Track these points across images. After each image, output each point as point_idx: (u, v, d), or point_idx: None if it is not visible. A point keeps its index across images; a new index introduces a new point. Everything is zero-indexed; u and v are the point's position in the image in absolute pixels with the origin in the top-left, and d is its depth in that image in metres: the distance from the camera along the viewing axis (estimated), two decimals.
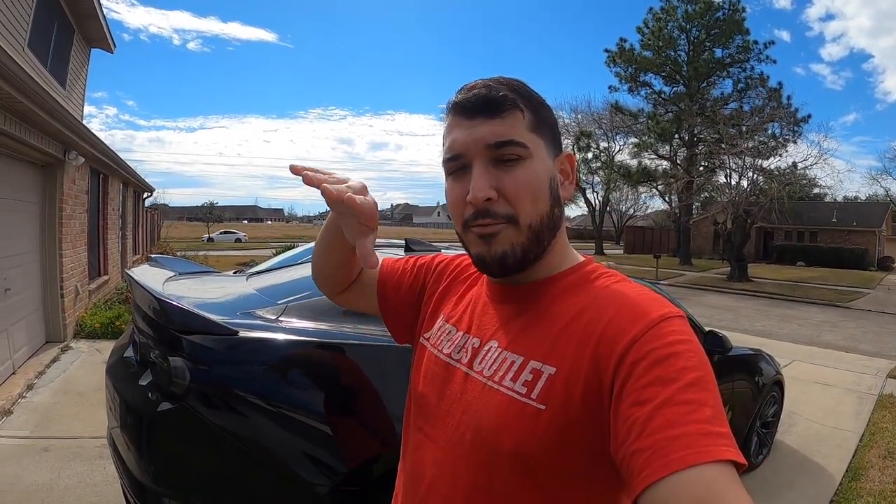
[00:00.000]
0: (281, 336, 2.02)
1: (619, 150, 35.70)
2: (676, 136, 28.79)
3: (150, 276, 2.50)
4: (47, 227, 6.13)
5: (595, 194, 40.27)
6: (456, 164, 0.79)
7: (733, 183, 22.44)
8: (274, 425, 1.89)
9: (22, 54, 6.32)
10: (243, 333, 1.94)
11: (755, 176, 22.18)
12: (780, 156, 23.75)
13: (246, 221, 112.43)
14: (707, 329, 3.52)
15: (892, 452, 4.22)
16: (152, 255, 3.38)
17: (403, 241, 3.33)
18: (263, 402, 1.87)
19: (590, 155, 34.74)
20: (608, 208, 44.09)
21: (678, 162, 29.14)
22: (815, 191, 32.03)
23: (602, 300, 0.74)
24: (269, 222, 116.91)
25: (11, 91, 4.01)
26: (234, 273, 5.22)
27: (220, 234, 41.47)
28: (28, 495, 3.03)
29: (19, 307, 5.37)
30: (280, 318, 2.13)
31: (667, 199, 32.43)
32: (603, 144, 35.53)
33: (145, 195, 15.09)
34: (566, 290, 0.79)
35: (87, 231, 7.40)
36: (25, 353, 5.48)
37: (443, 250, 3.16)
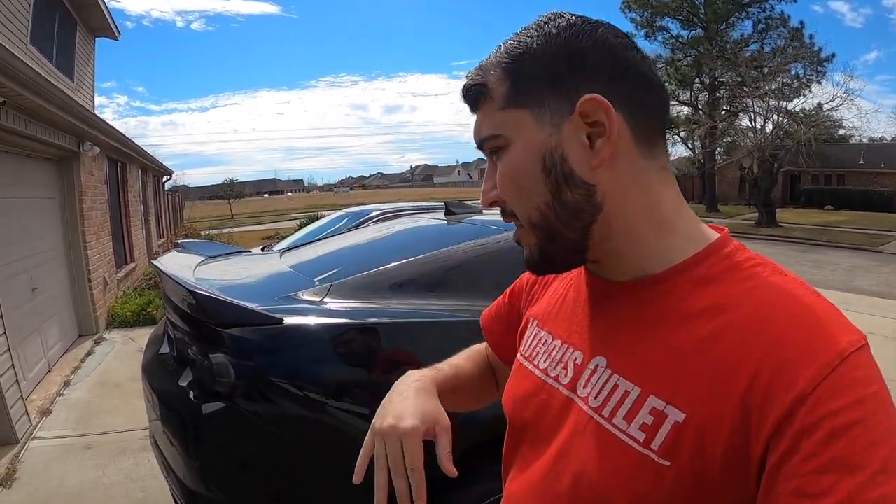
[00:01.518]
0: (330, 321, 1.85)
1: None
2: (697, 80, 28.17)
3: (179, 265, 2.35)
4: (69, 221, 6.07)
5: None
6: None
7: (758, 126, 21.87)
8: (331, 419, 1.74)
9: (26, 51, 6.18)
10: (288, 321, 1.77)
11: (780, 119, 21.58)
12: (805, 97, 23.11)
13: (267, 195, 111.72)
14: None
15: None
16: (178, 241, 3.26)
17: (443, 205, 3.15)
18: (318, 395, 1.72)
19: None
20: None
21: (700, 107, 28.45)
22: (840, 132, 30.96)
23: (750, 312, 0.53)
24: (290, 194, 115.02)
25: (20, 90, 3.86)
26: (263, 249, 5.07)
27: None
28: (76, 496, 2.97)
29: (49, 304, 5.32)
30: (325, 300, 1.95)
31: (689, 145, 31.63)
32: None
33: (164, 178, 15.07)
34: (689, 293, 0.57)
35: (109, 220, 7.34)
36: (60, 349, 5.45)
37: (483, 211, 2.98)
